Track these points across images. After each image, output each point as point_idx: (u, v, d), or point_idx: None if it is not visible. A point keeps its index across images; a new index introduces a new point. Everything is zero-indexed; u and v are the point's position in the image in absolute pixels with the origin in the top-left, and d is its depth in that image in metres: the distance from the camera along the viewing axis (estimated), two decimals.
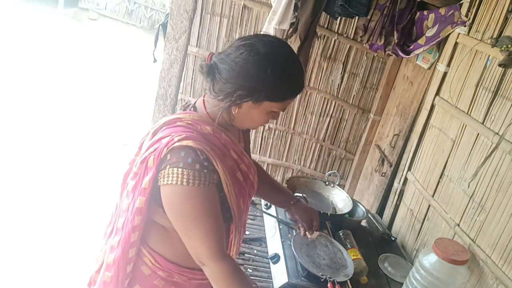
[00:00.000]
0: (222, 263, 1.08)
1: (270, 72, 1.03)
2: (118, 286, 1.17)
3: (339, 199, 2.16)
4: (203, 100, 1.17)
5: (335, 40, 3.08)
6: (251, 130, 1.39)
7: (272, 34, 2.43)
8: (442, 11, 2.20)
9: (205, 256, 1.08)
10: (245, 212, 1.24)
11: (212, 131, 1.11)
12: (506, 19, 1.72)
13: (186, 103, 1.22)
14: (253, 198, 2.09)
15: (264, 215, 1.97)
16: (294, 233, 1.76)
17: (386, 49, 2.60)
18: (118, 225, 1.17)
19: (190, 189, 1.02)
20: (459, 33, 2.04)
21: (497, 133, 1.64)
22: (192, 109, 1.18)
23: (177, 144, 1.03)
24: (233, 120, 1.14)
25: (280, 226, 1.82)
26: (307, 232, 1.60)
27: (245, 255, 1.74)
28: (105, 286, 1.18)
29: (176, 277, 1.19)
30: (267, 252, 1.75)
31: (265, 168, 3.47)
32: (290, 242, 1.66)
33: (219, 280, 1.10)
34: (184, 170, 1.01)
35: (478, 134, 1.78)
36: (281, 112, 1.18)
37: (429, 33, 2.24)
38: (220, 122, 1.13)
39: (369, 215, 2.32)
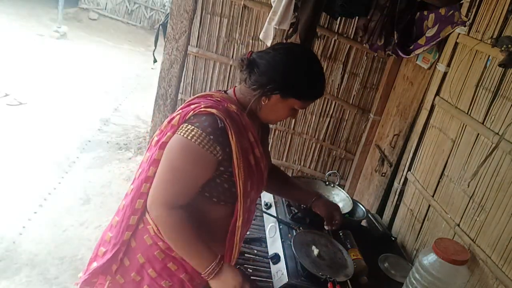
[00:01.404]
0: (170, 211, 1.16)
1: (302, 73, 1.20)
2: (119, 232, 1.27)
3: (339, 199, 2.16)
4: (234, 88, 1.31)
5: (335, 40, 3.08)
6: (269, 133, 1.52)
7: (272, 34, 2.44)
8: (442, 11, 2.20)
9: (157, 199, 1.17)
10: (251, 198, 1.29)
11: (236, 111, 1.22)
12: (506, 19, 1.72)
13: (219, 90, 1.35)
14: None
15: (264, 215, 1.98)
16: (294, 233, 1.76)
17: (386, 49, 2.60)
18: (136, 175, 1.29)
19: (189, 142, 1.12)
20: (459, 33, 2.04)
21: (497, 133, 1.64)
22: (223, 92, 1.31)
23: (202, 109, 1.16)
24: (260, 110, 1.26)
25: (280, 226, 1.82)
26: (325, 226, 1.65)
27: (245, 255, 1.74)
28: (111, 229, 1.32)
29: (175, 252, 1.24)
30: (267, 252, 1.75)
31: None
32: (290, 242, 1.66)
33: (161, 223, 1.18)
34: (195, 128, 1.13)
35: (478, 134, 1.78)
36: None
37: (429, 33, 2.24)
38: (247, 111, 1.25)
39: (369, 215, 2.32)
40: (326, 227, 1.66)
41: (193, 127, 1.13)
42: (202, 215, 1.25)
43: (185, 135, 1.13)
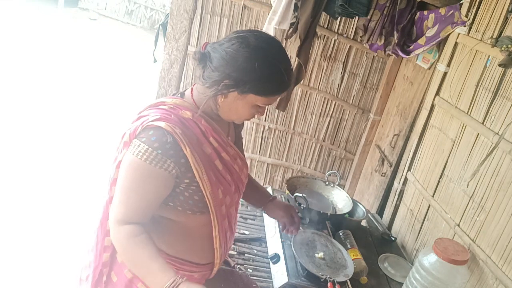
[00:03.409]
0: (119, 227, 1.11)
1: (257, 65, 1.06)
2: (96, 256, 1.24)
3: (339, 199, 2.16)
4: (192, 88, 1.21)
5: (335, 40, 3.08)
6: (242, 126, 1.41)
7: (272, 34, 2.44)
8: (442, 11, 2.20)
9: (111, 217, 1.13)
10: (228, 204, 1.22)
11: (192, 117, 1.13)
12: (506, 19, 1.72)
13: (177, 91, 1.24)
14: None
15: (264, 215, 1.98)
16: None
17: (386, 49, 2.60)
18: (103, 195, 1.24)
19: (138, 161, 1.07)
20: (459, 33, 2.04)
21: (497, 133, 1.64)
22: (179, 95, 1.21)
23: (150, 123, 1.08)
24: (219, 110, 1.16)
25: (280, 226, 1.82)
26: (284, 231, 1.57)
27: (245, 255, 1.74)
28: (88, 253, 1.27)
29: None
30: (267, 252, 1.75)
31: (265, 168, 3.48)
32: (290, 242, 1.66)
33: (113, 241, 1.14)
34: (142, 144, 1.07)
35: (478, 134, 1.78)
36: (281, 112, 1.18)
37: (429, 33, 2.24)
38: (207, 112, 1.16)
39: (369, 215, 2.32)
40: (285, 232, 1.55)
41: (139, 142, 1.07)
42: (179, 225, 1.20)
43: (132, 153, 1.07)
